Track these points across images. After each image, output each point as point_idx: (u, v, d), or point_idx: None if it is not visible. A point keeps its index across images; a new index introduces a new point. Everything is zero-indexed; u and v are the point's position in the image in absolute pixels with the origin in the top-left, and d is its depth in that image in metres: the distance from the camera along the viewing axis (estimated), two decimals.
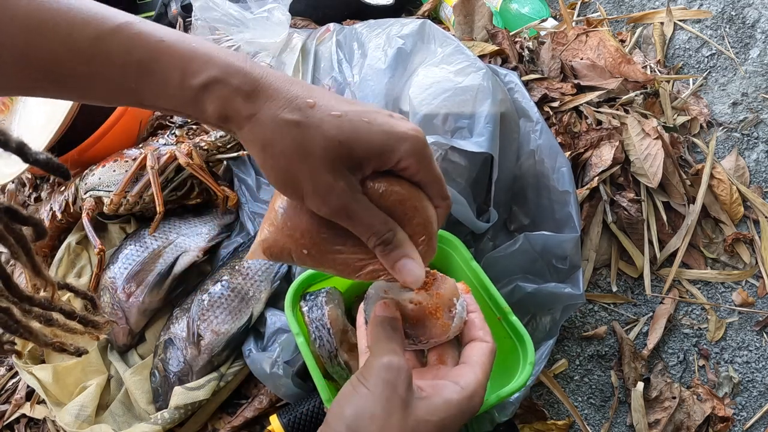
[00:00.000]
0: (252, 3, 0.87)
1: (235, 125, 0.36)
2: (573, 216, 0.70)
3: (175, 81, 0.35)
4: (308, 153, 0.35)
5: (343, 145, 0.36)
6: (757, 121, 0.93)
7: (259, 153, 0.36)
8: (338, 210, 0.37)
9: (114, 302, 0.76)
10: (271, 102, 0.36)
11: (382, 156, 0.38)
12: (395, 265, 0.39)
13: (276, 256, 0.41)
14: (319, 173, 0.36)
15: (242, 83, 0.36)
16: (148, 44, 0.35)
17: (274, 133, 0.35)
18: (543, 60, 0.91)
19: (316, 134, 0.36)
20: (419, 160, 0.39)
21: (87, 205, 0.80)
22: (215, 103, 0.36)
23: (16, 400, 0.79)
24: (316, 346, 0.59)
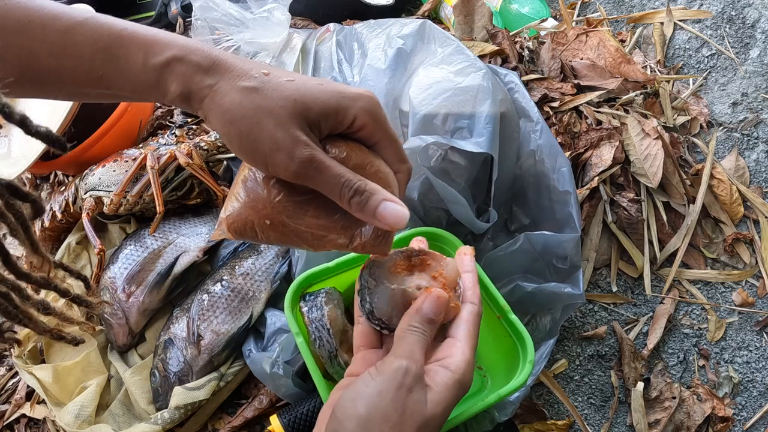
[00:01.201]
0: (252, 3, 0.87)
1: (197, 100, 0.38)
2: (573, 216, 0.70)
3: (138, 63, 0.38)
4: (268, 112, 0.37)
5: (299, 102, 0.38)
6: (757, 121, 0.93)
7: (221, 122, 0.38)
8: (305, 162, 0.38)
9: (114, 302, 0.76)
10: (229, 74, 0.38)
11: (338, 113, 0.39)
12: (376, 212, 0.39)
13: (240, 232, 0.41)
14: (281, 129, 0.37)
15: (201, 60, 0.38)
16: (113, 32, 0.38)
17: (233, 101, 0.37)
18: (543, 60, 0.91)
19: (274, 95, 0.38)
20: (374, 119, 0.41)
21: (87, 205, 0.80)
22: (177, 80, 0.38)
23: (16, 400, 0.79)
24: (316, 347, 0.59)
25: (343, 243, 0.41)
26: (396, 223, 0.39)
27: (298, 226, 0.40)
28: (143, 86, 0.39)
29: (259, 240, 0.42)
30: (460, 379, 0.42)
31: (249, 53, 0.88)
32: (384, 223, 0.39)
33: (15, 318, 0.37)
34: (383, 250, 0.43)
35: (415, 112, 0.69)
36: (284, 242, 0.42)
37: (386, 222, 0.39)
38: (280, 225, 0.40)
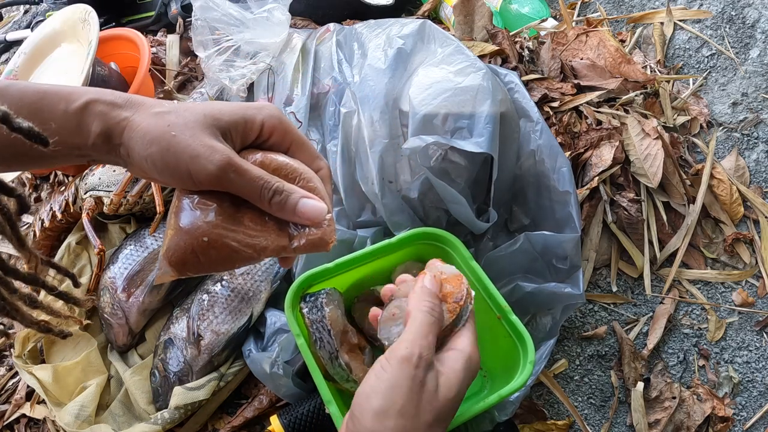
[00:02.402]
0: (252, 3, 0.87)
1: (117, 134, 0.40)
2: (573, 216, 0.70)
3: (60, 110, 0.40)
4: (182, 127, 0.40)
5: (209, 116, 0.41)
6: (757, 121, 0.93)
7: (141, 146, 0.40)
8: (224, 166, 0.39)
9: (114, 302, 0.76)
10: (142, 106, 0.41)
11: (246, 121, 0.42)
12: (296, 210, 0.41)
13: (181, 262, 0.41)
14: (197, 139, 0.39)
15: (115, 98, 0.41)
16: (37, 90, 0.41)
17: (149, 124, 0.40)
18: (543, 60, 0.91)
19: (186, 114, 0.41)
20: (281, 122, 0.44)
21: (87, 205, 0.80)
22: (96, 119, 0.40)
23: (16, 400, 0.79)
24: (317, 348, 0.59)
25: (283, 245, 0.42)
26: (315, 218, 0.42)
27: (236, 236, 0.41)
28: (67, 132, 0.40)
29: (203, 267, 0.42)
30: (470, 357, 0.45)
31: (249, 53, 0.88)
32: (304, 218, 0.41)
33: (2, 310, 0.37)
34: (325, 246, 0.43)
35: (415, 112, 0.69)
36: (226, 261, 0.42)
37: (306, 217, 0.41)
38: (218, 239, 0.41)
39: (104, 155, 0.42)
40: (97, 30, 0.88)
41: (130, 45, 0.99)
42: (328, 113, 0.80)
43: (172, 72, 1.04)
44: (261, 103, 0.44)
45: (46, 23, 0.99)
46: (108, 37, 1.00)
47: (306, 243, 0.42)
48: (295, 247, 0.42)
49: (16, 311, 0.37)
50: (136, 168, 0.42)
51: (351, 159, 0.74)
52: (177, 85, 1.03)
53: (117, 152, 0.41)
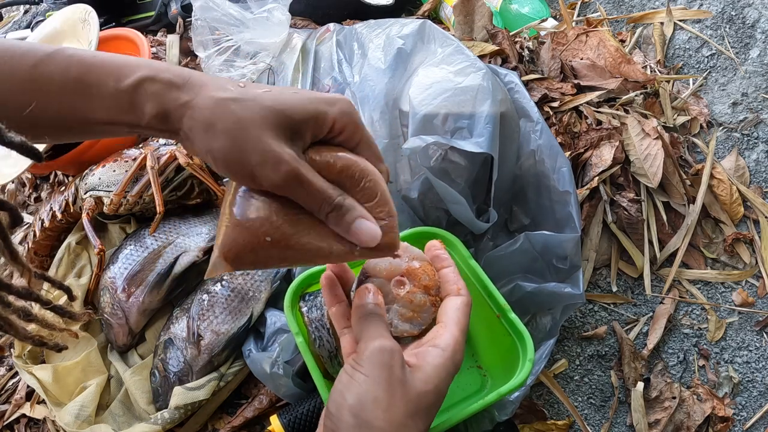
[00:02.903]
0: (252, 3, 0.87)
1: (175, 118, 0.37)
2: (573, 216, 0.70)
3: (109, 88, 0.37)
4: (250, 124, 0.37)
5: (280, 113, 0.38)
6: (757, 121, 0.93)
7: (203, 137, 0.37)
8: (289, 176, 0.37)
9: (114, 302, 0.76)
10: (204, 88, 0.38)
11: (317, 119, 0.39)
12: (350, 228, 0.39)
13: (240, 260, 0.40)
14: (264, 142, 0.37)
15: (173, 77, 0.38)
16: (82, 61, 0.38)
17: (213, 113, 0.37)
18: (543, 60, 0.91)
19: (254, 106, 0.37)
20: (353, 121, 0.41)
21: (87, 205, 0.80)
22: (151, 99, 0.37)
23: (16, 400, 0.79)
24: (316, 346, 0.59)
25: (342, 250, 0.41)
26: (367, 242, 0.40)
27: (299, 238, 0.40)
28: (118, 112, 0.38)
29: (259, 265, 0.41)
30: (451, 356, 0.43)
31: (249, 53, 0.88)
32: (356, 239, 0.40)
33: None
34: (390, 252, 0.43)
35: (415, 112, 0.69)
36: (285, 261, 0.41)
37: (358, 239, 0.40)
38: (282, 239, 0.39)
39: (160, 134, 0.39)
40: (97, 30, 0.88)
41: (130, 45, 0.99)
42: None
43: None
44: (333, 97, 0.41)
45: (46, 23, 0.99)
46: (108, 37, 1.00)
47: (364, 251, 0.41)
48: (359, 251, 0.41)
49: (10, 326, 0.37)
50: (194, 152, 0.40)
51: None
52: None
53: (175, 135, 0.39)
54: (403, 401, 0.40)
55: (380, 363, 0.41)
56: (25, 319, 0.38)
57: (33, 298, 0.37)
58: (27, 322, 0.38)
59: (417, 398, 0.41)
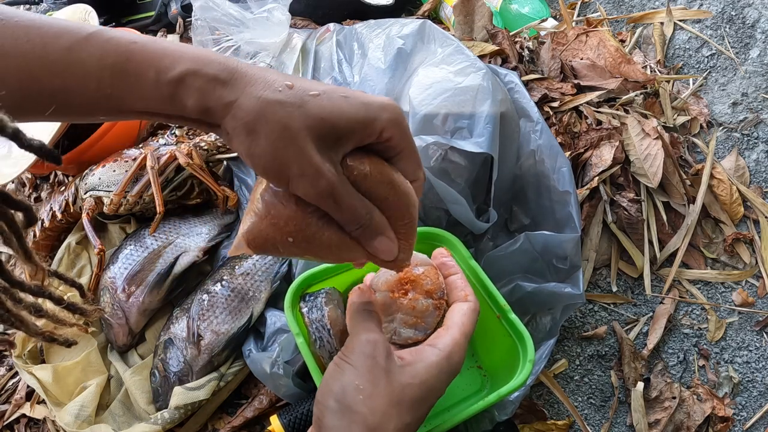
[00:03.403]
0: (252, 3, 0.87)
1: (218, 115, 0.36)
2: (573, 216, 0.70)
3: (150, 79, 0.36)
4: (294, 134, 0.35)
5: (326, 121, 0.36)
6: (757, 121, 0.93)
7: (245, 140, 0.36)
8: (325, 193, 0.37)
9: (114, 302, 0.76)
10: (250, 86, 0.36)
11: (366, 127, 0.38)
12: (371, 243, 0.40)
13: (260, 248, 0.41)
14: (306, 155, 0.36)
15: (219, 72, 0.36)
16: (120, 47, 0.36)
17: (258, 116, 0.35)
18: (543, 60, 0.91)
19: (300, 113, 0.36)
20: (401, 130, 0.40)
21: (87, 205, 0.80)
22: (194, 95, 0.36)
23: (16, 400, 0.79)
24: (317, 347, 0.59)
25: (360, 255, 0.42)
26: (384, 257, 0.41)
27: (321, 240, 0.40)
28: (157, 103, 0.37)
29: (279, 254, 0.42)
30: (447, 357, 0.44)
31: (249, 53, 0.88)
32: (375, 253, 0.40)
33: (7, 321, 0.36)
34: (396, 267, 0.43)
35: (415, 112, 0.69)
36: (304, 256, 0.42)
37: (376, 254, 0.40)
38: (303, 242, 0.40)
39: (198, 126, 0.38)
40: None
41: None
42: None
43: None
44: (384, 103, 0.39)
45: None
46: None
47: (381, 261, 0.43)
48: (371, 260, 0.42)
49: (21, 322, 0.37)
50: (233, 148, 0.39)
51: None
52: None
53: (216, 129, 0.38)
54: (387, 390, 0.41)
55: (364, 353, 0.42)
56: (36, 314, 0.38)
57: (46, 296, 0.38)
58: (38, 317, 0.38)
59: (401, 389, 0.41)
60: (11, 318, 0.36)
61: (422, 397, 0.42)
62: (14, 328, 0.37)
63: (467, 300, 0.49)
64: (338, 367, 0.43)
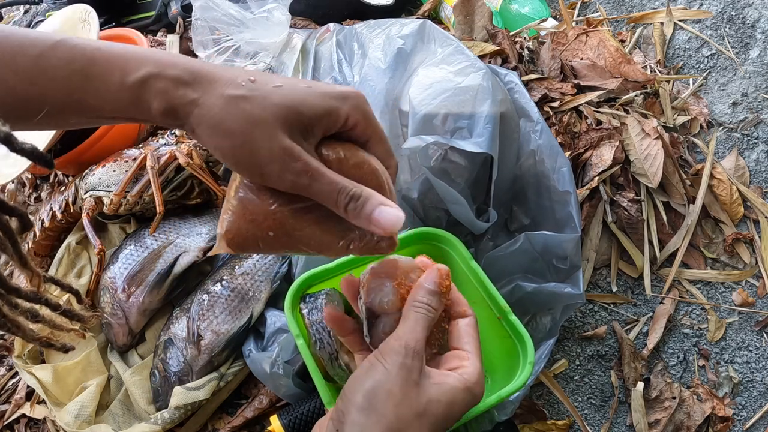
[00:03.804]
0: (252, 3, 0.87)
1: (182, 115, 0.37)
2: (573, 216, 0.70)
3: (115, 82, 0.37)
4: (260, 122, 0.36)
5: (291, 109, 0.37)
6: (757, 121, 0.93)
7: (211, 136, 0.37)
8: (301, 173, 0.37)
9: (114, 302, 0.76)
10: (213, 84, 0.37)
11: (330, 114, 0.39)
12: (371, 217, 0.39)
13: (241, 247, 0.40)
14: (274, 139, 0.36)
15: (181, 73, 0.37)
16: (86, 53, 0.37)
17: (222, 111, 0.36)
18: (543, 60, 0.91)
19: (264, 103, 0.37)
20: (365, 115, 0.40)
21: (87, 205, 0.80)
22: (158, 97, 0.37)
23: (16, 400, 0.79)
24: (317, 348, 0.59)
25: (343, 246, 0.42)
26: (392, 228, 0.39)
27: (302, 233, 0.40)
28: (123, 105, 0.38)
29: (261, 251, 0.41)
30: (472, 388, 0.44)
31: (249, 53, 0.88)
32: (379, 227, 0.39)
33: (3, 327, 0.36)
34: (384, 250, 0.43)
35: (415, 112, 0.69)
36: (286, 250, 0.42)
37: (381, 227, 0.39)
38: (284, 236, 0.40)
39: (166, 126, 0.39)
40: (97, 30, 0.88)
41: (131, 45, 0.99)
42: None
43: None
44: (346, 91, 0.40)
45: (46, 23, 0.99)
46: (108, 37, 1.00)
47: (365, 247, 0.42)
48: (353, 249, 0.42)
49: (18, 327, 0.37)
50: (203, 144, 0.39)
51: None
52: None
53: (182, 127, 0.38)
54: (415, 402, 0.41)
55: (402, 363, 0.41)
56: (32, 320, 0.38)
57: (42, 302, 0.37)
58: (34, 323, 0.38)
59: (427, 403, 0.41)
60: (8, 324, 0.36)
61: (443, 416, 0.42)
62: (11, 333, 0.37)
63: (467, 314, 0.49)
64: (373, 366, 0.42)
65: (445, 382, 0.43)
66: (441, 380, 0.43)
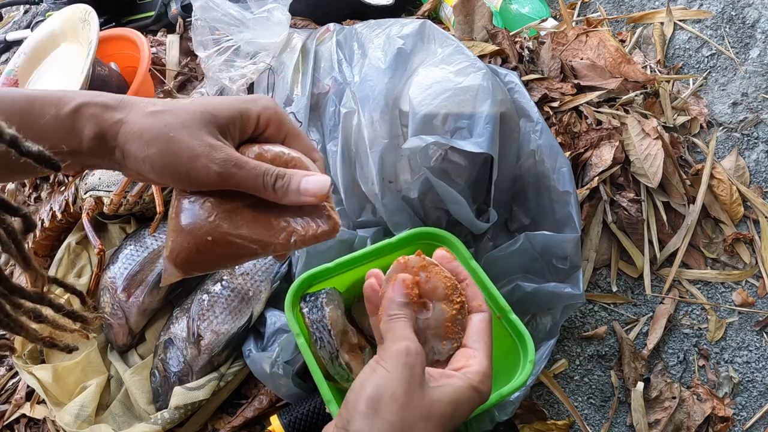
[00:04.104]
0: (252, 3, 0.87)
1: (111, 136, 0.40)
2: (573, 216, 0.70)
3: (51, 115, 0.40)
4: (180, 126, 0.39)
5: (206, 114, 0.41)
6: (757, 121, 0.93)
7: (138, 148, 0.40)
8: (224, 162, 0.39)
9: (114, 302, 0.76)
10: (136, 105, 0.41)
11: (242, 115, 0.42)
12: (299, 189, 0.41)
13: (187, 262, 0.42)
14: (195, 138, 0.39)
15: (107, 100, 0.41)
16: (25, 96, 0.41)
17: (145, 124, 0.40)
18: (543, 60, 0.91)
19: (182, 112, 0.40)
20: (277, 114, 0.44)
21: (87, 205, 0.80)
22: (90, 121, 0.40)
23: (16, 400, 0.79)
24: (317, 348, 0.59)
25: (286, 240, 0.42)
26: (320, 191, 0.41)
27: (240, 232, 0.41)
28: (61, 136, 0.40)
29: (208, 266, 0.43)
30: (477, 387, 0.44)
31: (249, 53, 0.88)
32: (309, 195, 0.41)
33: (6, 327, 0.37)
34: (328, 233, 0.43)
35: (415, 112, 0.69)
36: (231, 258, 0.42)
37: (311, 194, 0.41)
38: (222, 237, 0.41)
39: (99, 159, 0.42)
40: (97, 30, 0.88)
41: (130, 45, 0.99)
42: (328, 113, 0.80)
43: (172, 72, 1.04)
44: (255, 96, 0.44)
45: (46, 23, 0.99)
46: (108, 37, 1.00)
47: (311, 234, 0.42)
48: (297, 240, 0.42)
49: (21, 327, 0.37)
50: (132, 171, 0.42)
51: (351, 159, 0.74)
52: (177, 85, 1.03)
53: (112, 155, 0.41)
54: (419, 403, 0.41)
55: (404, 363, 0.42)
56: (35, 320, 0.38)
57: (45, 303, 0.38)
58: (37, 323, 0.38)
59: (431, 404, 0.41)
60: (10, 323, 0.37)
61: (449, 416, 0.42)
62: (14, 333, 0.37)
63: (481, 310, 0.49)
64: (374, 370, 0.42)
65: (450, 383, 0.43)
66: (445, 381, 0.43)
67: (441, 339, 0.48)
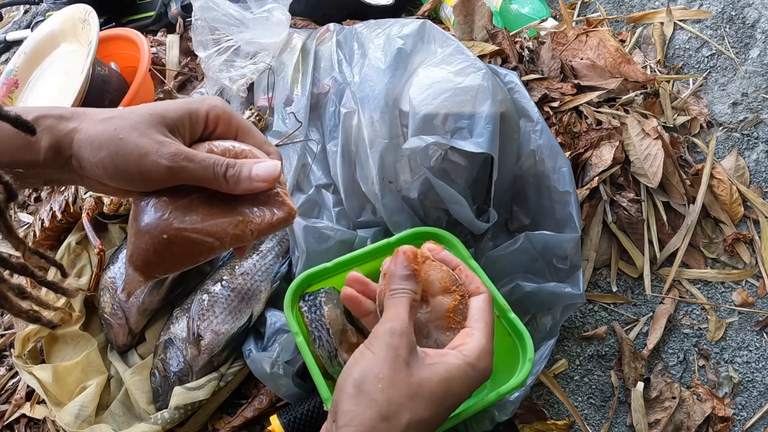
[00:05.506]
0: (252, 3, 0.87)
1: (66, 145, 0.41)
2: (573, 216, 0.70)
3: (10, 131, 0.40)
4: (129, 129, 0.41)
5: (155, 115, 0.42)
6: (757, 121, 0.93)
7: (91, 153, 0.40)
8: (173, 156, 0.40)
9: (114, 302, 0.76)
10: (88, 116, 0.42)
11: (190, 114, 0.43)
12: (251, 176, 0.42)
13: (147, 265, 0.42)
14: (144, 137, 0.40)
15: (62, 112, 0.42)
16: None
17: (97, 131, 0.41)
18: (543, 60, 0.91)
19: (131, 116, 0.41)
20: (225, 111, 0.45)
21: (87, 205, 0.80)
22: (46, 133, 0.41)
23: (16, 400, 0.79)
24: (316, 346, 0.59)
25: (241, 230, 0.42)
26: (271, 175, 0.42)
27: (194, 227, 0.41)
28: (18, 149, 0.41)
29: (168, 266, 0.43)
30: (473, 363, 0.44)
31: (249, 53, 0.88)
32: (261, 180, 0.42)
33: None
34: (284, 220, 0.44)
35: (415, 112, 0.69)
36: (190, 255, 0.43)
37: (262, 179, 0.42)
38: (177, 234, 0.41)
39: (58, 170, 0.42)
40: (97, 30, 0.88)
41: (130, 45, 0.99)
42: (328, 113, 0.80)
43: (172, 72, 1.04)
44: (204, 96, 0.45)
45: (46, 23, 0.99)
46: (108, 37, 1.00)
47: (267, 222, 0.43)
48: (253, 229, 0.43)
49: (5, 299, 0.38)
50: (88, 179, 0.42)
51: (351, 159, 0.74)
52: (177, 85, 1.03)
53: (69, 165, 0.42)
54: (405, 382, 0.41)
55: (388, 344, 0.42)
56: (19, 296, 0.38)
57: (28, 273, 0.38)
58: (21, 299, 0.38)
59: (419, 383, 0.42)
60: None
61: (441, 395, 0.42)
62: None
63: (479, 292, 0.49)
64: (361, 354, 0.43)
65: (443, 361, 0.43)
66: (437, 359, 0.44)
67: (444, 330, 0.48)
